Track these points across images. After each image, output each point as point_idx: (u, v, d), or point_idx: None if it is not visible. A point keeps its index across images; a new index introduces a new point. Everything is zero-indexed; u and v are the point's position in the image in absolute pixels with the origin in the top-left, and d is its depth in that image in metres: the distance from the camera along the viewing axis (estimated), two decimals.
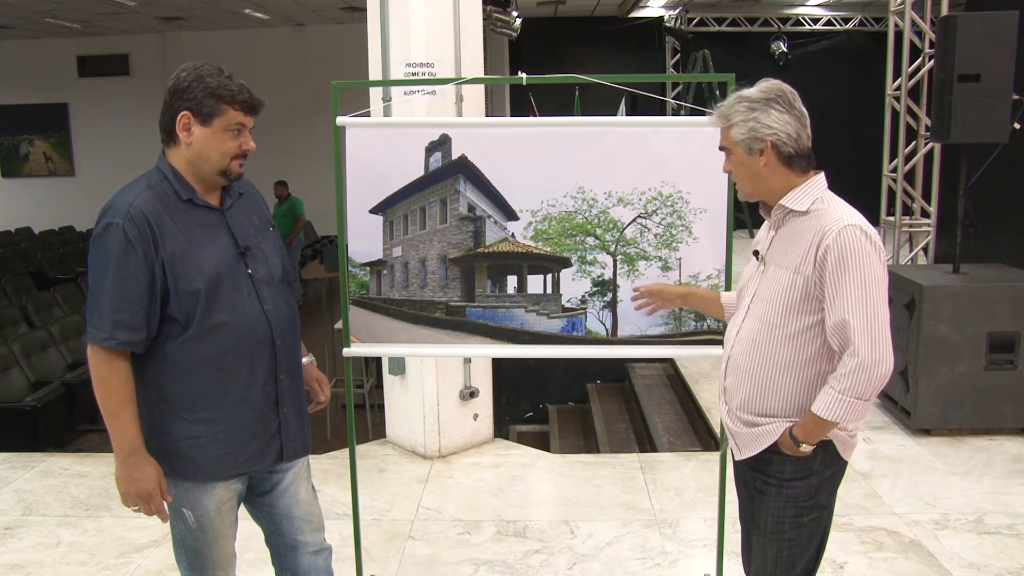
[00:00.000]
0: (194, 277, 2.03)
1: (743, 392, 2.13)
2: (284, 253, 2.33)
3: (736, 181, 2.15)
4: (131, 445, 2.05)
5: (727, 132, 2.08)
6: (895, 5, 7.09)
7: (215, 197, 2.15)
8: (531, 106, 10.29)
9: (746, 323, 2.14)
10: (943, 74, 4.79)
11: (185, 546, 2.26)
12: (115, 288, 1.98)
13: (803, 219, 2.05)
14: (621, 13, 13.63)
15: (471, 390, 4.72)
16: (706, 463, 4.47)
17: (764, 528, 2.17)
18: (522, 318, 2.95)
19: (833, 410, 1.96)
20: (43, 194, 14.19)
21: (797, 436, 2.04)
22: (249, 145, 2.11)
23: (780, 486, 2.12)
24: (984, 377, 4.64)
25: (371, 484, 4.25)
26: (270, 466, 2.25)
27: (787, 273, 2.04)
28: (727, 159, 2.12)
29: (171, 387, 2.08)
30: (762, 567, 2.20)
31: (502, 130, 3.00)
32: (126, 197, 2.03)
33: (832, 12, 13.45)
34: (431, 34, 4.29)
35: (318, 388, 2.49)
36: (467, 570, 3.46)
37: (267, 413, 2.18)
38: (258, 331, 2.13)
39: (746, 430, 2.14)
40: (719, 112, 2.09)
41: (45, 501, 4.12)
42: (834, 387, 1.96)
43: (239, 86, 2.06)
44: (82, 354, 6.54)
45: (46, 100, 13.92)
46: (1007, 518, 3.77)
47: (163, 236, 2.01)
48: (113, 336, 1.98)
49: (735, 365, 2.15)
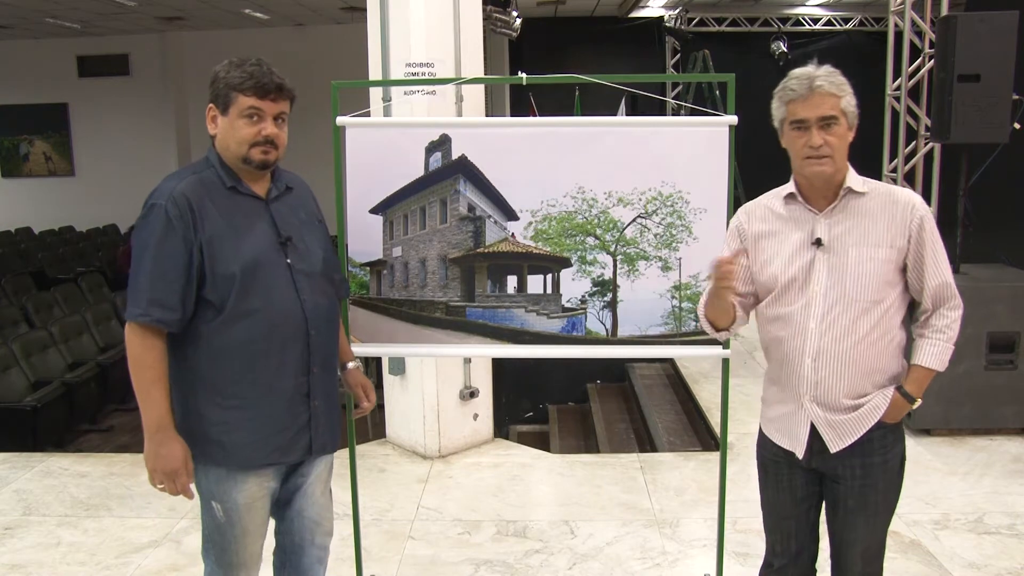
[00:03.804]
0: (231, 261, 2.06)
1: (847, 379, 2.12)
2: (329, 248, 2.34)
3: (830, 155, 2.06)
4: (159, 423, 2.06)
5: (837, 101, 2.05)
6: (895, 5, 7.09)
7: (261, 187, 2.18)
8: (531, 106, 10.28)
9: (833, 309, 2.10)
10: (943, 74, 4.79)
11: (213, 541, 2.25)
12: (153, 267, 2.02)
13: (862, 199, 2.11)
14: (621, 13, 13.61)
15: (471, 390, 4.72)
16: (706, 463, 4.47)
17: (876, 507, 2.20)
18: (522, 318, 2.95)
19: (943, 359, 2.14)
20: (43, 194, 14.16)
21: (912, 393, 2.14)
22: (270, 130, 2.11)
23: (885, 456, 2.17)
24: (984, 377, 4.64)
25: (371, 484, 4.25)
26: (299, 459, 2.25)
27: (880, 250, 2.09)
28: (828, 130, 2.05)
29: (205, 371, 2.10)
30: (872, 546, 2.25)
31: (502, 130, 3.00)
32: (172, 182, 2.09)
33: (832, 12, 13.44)
34: (431, 34, 4.29)
35: (362, 393, 2.49)
36: (467, 570, 3.46)
37: (298, 404, 2.19)
38: (292, 320, 2.14)
39: (849, 416, 2.14)
40: (829, 81, 2.04)
41: (45, 501, 4.12)
42: (940, 338, 2.13)
43: (250, 72, 2.07)
44: (82, 354, 6.62)
45: (46, 100, 13.88)
46: (1007, 518, 3.77)
47: (203, 219, 2.05)
48: (148, 313, 2.02)
49: (830, 355, 2.12)
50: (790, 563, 2.36)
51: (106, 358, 6.69)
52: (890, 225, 2.10)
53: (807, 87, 2.04)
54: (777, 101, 2.12)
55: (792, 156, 2.13)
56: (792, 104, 2.08)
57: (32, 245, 11.91)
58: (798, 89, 2.06)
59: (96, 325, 7.23)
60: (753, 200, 2.29)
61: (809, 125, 2.05)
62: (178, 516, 3.90)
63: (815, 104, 2.04)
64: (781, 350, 2.20)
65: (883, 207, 2.11)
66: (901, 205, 2.10)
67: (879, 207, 2.11)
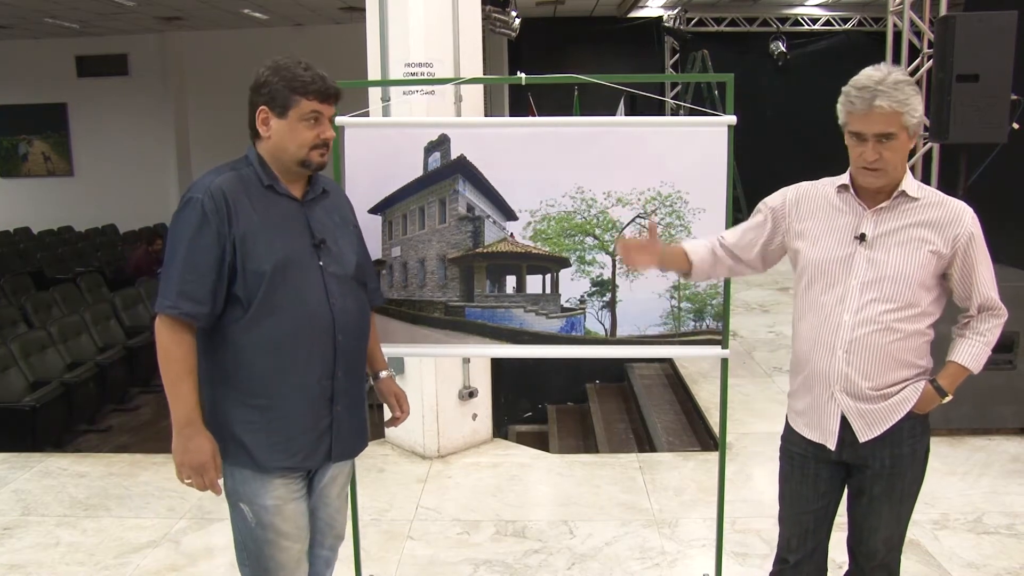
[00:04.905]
0: (263, 259, 2.06)
1: (878, 371, 2.15)
2: (363, 253, 2.35)
3: (885, 167, 2.07)
4: (188, 416, 2.06)
5: (899, 117, 2.02)
6: (894, 5, 7.10)
7: (298, 189, 2.18)
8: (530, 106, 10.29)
9: (869, 304, 2.13)
10: (942, 74, 4.79)
11: (247, 549, 2.22)
12: (186, 259, 2.03)
13: (914, 204, 2.13)
14: (620, 13, 13.62)
15: (470, 390, 4.72)
16: (705, 463, 4.47)
17: (901, 495, 2.24)
18: (521, 318, 2.95)
19: (980, 361, 2.22)
20: (42, 194, 14.15)
21: (945, 388, 2.21)
22: (328, 134, 2.13)
23: (913, 446, 2.21)
24: (983, 377, 4.58)
25: (370, 484, 4.24)
26: (318, 464, 2.25)
27: (922, 255, 2.11)
28: (885, 144, 2.04)
29: (232, 368, 2.10)
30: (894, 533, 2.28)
31: (501, 130, 3.00)
32: (210, 177, 2.09)
33: (831, 12, 13.45)
34: (430, 34, 4.28)
35: (395, 403, 2.50)
36: (466, 570, 3.46)
37: (320, 408, 2.18)
38: (320, 322, 2.14)
39: (879, 405, 2.17)
40: (891, 98, 2.00)
41: (44, 501, 4.11)
42: (980, 340, 2.21)
43: (313, 76, 2.09)
44: (80, 354, 6.62)
45: (45, 100, 13.88)
46: (1006, 518, 3.77)
47: (238, 215, 2.05)
48: (177, 306, 2.01)
49: (863, 344, 2.14)
50: (806, 558, 2.37)
51: (105, 358, 6.69)
52: (937, 233, 2.12)
53: (867, 104, 2.01)
54: (840, 105, 2.11)
55: (851, 157, 2.14)
56: (851, 116, 2.07)
57: (31, 245, 11.91)
58: (858, 104, 2.03)
59: (95, 325, 7.23)
60: (810, 182, 2.31)
61: (866, 139, 2.05)
62: (177, 516, 3.90)
63: (873, 121, 2.02)
64: (812, 340, 2.22)
65: (933, 215, 2.13)
66: (951, 217, 2.12)
67: (929, 214, 2.13)
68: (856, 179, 2.16)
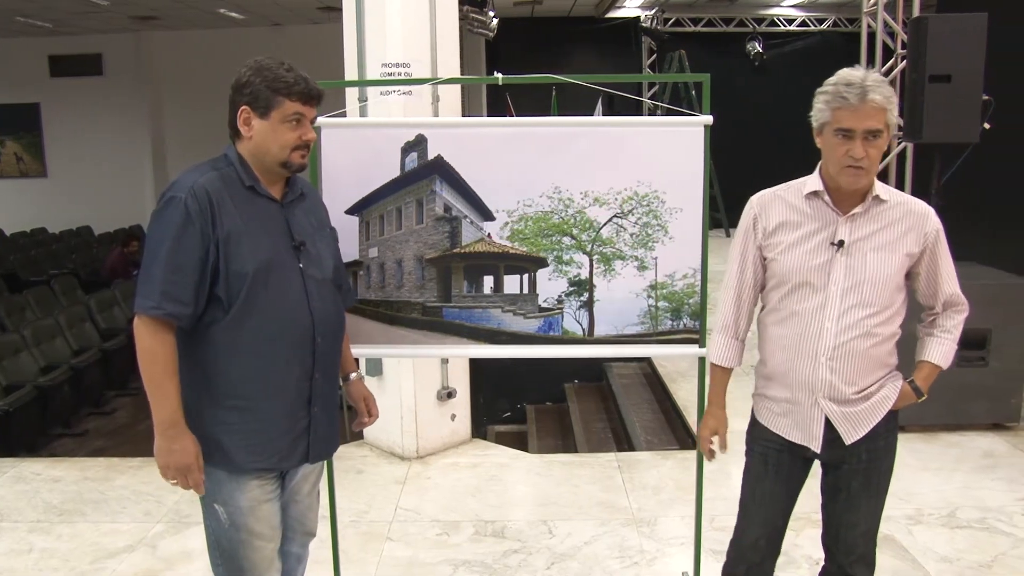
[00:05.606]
0: (246, 260, 2.05)
1: (859, 376, 2.18)
2: (339, 256, 2.36)
3: (868, 167, 2.07)
4: (171, 417, 2.04)
5: (886, 114, 2.04)
6: (868, 6, 7.17)
7: (277, 190, 2.18)
8: (508, 106, 10.29)
9: (850, 310, 2.14)
10: (915, 74, 4.84)
11: (221, 548, 2.22)
12: (169, 259, 2.00)
13: (883, 206, 2.15)
14: (598, 13, 13.67)
15: (448, 391, 4.72)
16: (683, 462, 4.49)
17: (877, 488, 2.28)
18: (499, 318, 2.95)
19: (949, 357, 2.29)
20: (15, 195, 13.96)
21: (922, 388, 2.29)
22: (310, 135, 2.13)
23: (887, 439, 2.27)
24: (956, 374, 4.65)
25: (348, 485, 4.23)
26: (295, 465, 2.25)
27: (896, 257, 2.15)
28: (871, 142, 2.04)
29: (212, 370, 2.09)
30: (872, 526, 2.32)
31: (478, 130, 3.00)
32: (192, 176, 2.07)
33: (807, 13, 13.58)
34: (407, 34, 4.28)
35: (364, 407, 2.49)
36: (445, 571, 3.46)
37: (298, 409, 2.18)
38: (300, 325, 2.14)
39: (861, 407, 2.20)
40: (881, 94, 2.01)
41: (17, 507, 4.06)
42: (947, 337, 2.28)
43: (296, 77, 2.08)
44: (54, 357, 6.55)
45: (17, 100, 13.69)
46: (978, 512, 3.82)
47: (222, 216, 2.04)
48: (160, 306, 2.00)
49: (846, 351, 2.16)
50: (768, 557, 2.39)
51: (80, 361, 6.61)
52: (907, 234, 2.16)
53: (859, 97, 2.00)
54: (822, 104, 2.08)
55: (828, 160, 2.12)
56: (840, 112, 2.03)
57: (4, 247, 11.73)
58: (849, 98, 2.01)
59: (69, 328, 7.14)
60: (767, 190, 2.29)
61: (855, 136, 2.03)
62: (153, 521, 3.86)
63: (865, 115, 2.01)
64: (792, 348, 2.21)
65: (902, 216, 2.16)
66: (918, 216, 2.16)
67: (898, 215, 2.16)
68: (837, 180, 2.11)
